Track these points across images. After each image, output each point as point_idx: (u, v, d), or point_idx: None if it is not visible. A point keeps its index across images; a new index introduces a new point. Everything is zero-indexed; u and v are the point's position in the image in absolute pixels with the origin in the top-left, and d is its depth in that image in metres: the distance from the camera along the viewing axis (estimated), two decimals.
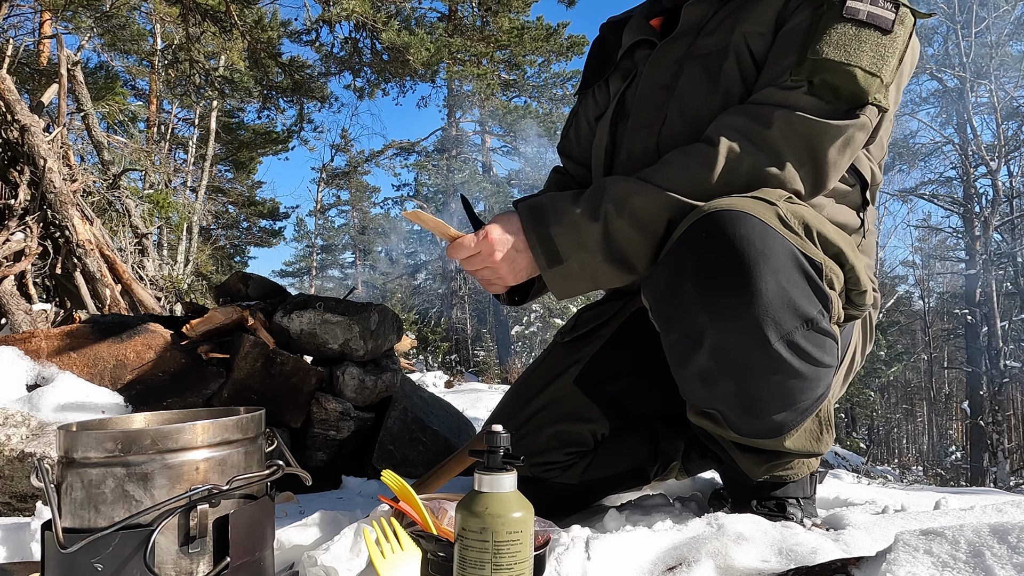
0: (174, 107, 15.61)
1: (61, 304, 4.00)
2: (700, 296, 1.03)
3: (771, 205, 1.04)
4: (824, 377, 1.08)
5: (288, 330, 1.94)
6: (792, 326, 1.01)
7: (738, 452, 1.19)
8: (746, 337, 1.01)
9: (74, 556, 0.75)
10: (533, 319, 13.67)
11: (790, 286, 1.00)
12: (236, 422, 0.87)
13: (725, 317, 1.01)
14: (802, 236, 1.04)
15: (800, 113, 1.11)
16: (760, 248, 0.98)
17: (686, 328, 1.06)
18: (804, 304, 1.01)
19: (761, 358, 1.02)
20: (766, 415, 1.09)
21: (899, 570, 0.71)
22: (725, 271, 1.00)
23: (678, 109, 1.28)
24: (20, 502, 1.49)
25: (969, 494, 2.11)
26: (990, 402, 14.84)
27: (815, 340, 1.04)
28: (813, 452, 1.17)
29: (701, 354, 1.06)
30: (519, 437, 1.40)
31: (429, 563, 0.89)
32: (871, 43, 1.13)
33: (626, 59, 1.45)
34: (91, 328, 1.81)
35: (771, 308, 0.99)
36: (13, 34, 8.30)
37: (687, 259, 1.05)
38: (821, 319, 1.03)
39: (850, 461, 8.38)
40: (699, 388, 1.11)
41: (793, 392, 1.06)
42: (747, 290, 0.99)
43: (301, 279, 28.11)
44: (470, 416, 2.66)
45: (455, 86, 17.91)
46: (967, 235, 16.40)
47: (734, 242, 0.99)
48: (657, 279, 1.11)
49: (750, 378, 1.05)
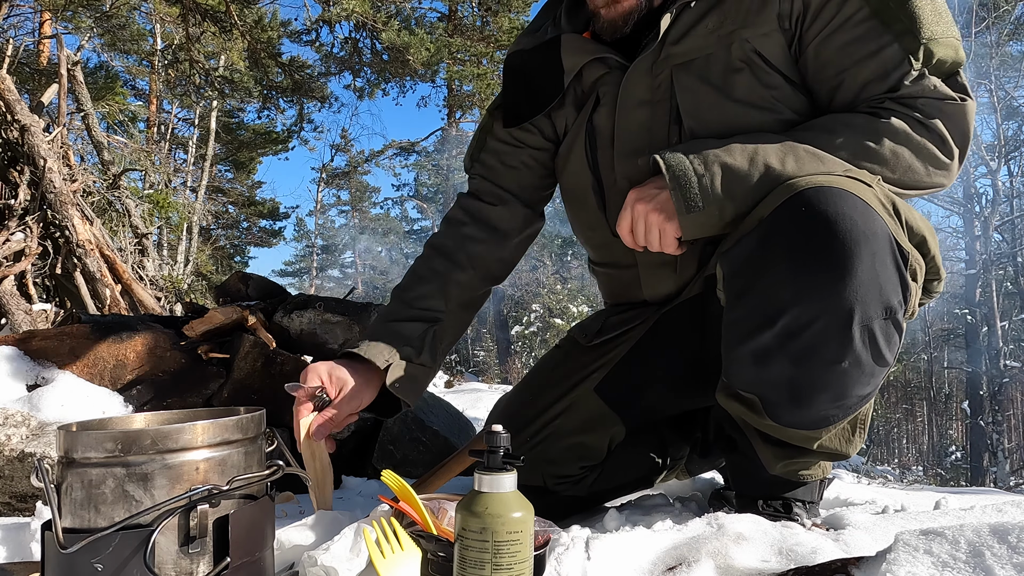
0: (174, 107, 15.62)
1: (61, 304, 4.00)
2: (791, 271, 0.98)
3: (868, 187, 1.01)
4: (878, 375, 1.05)
5: (288, 330, 1.94)
6: (875, 313, 0.98)
7: (761, 443, 1.16)
8: (828, 317, 0.97)
9: (74, 556, 0.75)
10: (533, 319, 13.68)
11: (883, 271, 0.96)
12: (236, 422, 0.87)
13: (813, 294, 0.97)
14: (896, 221, 1.01)
15: (948, 99, 1.10)
16: (863, 228, 0.95)
17: (764, 302, 1.02)
18: (890, 292, 0.98)
19: (833, 342, 0.98)
20: (812, 406, 1.05)
21: (899, 570, 0.71)
22: (824, 248, 0.96)
23: (697, 126, 1.19)
24: (20, 502, 1.49)
25: (969, 494, 2.11)
26: (990, 402, 14.84)
27: (887, 332, 1.00)
28: (841, 453, 1.14)
29: (769, 332, 1.02)
30: (535, 444, 1.36)
31: (429, 563, 0.89)
32: (943, 7, 1.11)
33: (574, 85, 1.33)
34: (91, 328, 1.81)
35: (862, 290, 0.96)
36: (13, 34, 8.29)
37: (781, 234, 1.00)
38: (899, 309, 1.00)
39: (850, 461, 8.38)
40: (750, 368, 1.07)
41: (847, 386, 1.03)
42: (845, 269, 0.95)
43: (301, 279, 28.13)
44: (470, 416, 2.66)
45: (455, 86, 17.91)
46: (967, 235, 16.40)
47: (837, 219, 0.95)
48: (740, 251, 1.06)
49: (811, 363, 1.01)
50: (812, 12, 1.14)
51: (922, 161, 1.10)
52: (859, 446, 1.15)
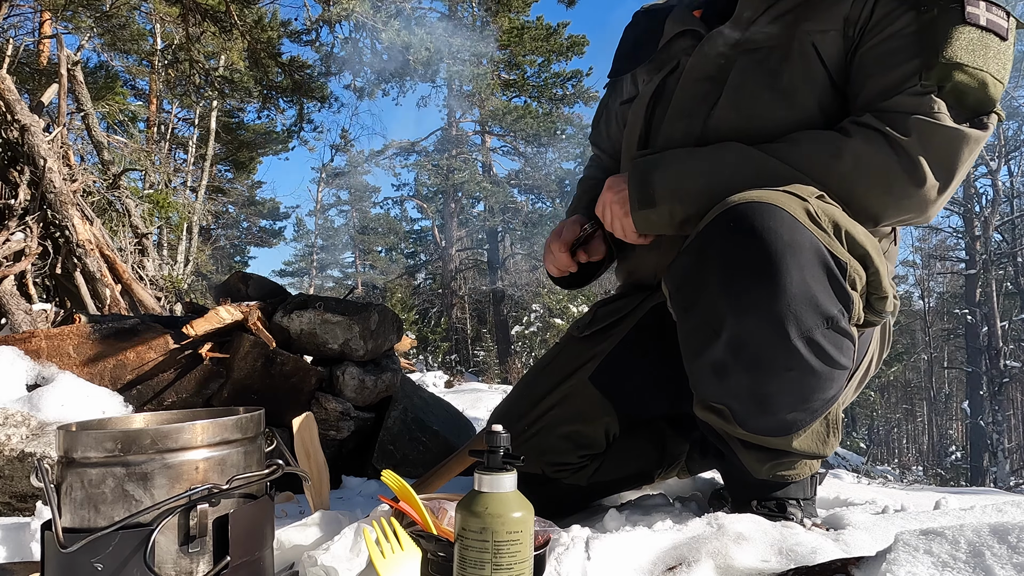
0: (174, 107, 15.61)
1: (61, 304, 4.00)
2: (723, 285, 1.02)
3: (801, 200, 1.04)
4: (838, 378, 1.08)
5: (288, 330, 1.94)
6: (813, 323, 1.00)
7: (743, 449, 1.19)
8: (766, 330, 1.00)
9: (74, 556, 0.75)
10: (533, 319, 13.67)
11: (814, 282, 0.99)
12: (236, 422, 0.87)
13: (747, 308, 1.01)
14: (830, 234, 1.03)
15: (937, 122, 1.08)
16: (787, 241, 0.98)
17: (706, 316, 1.06)
18: (826, 302, 1.01)
19: (779, 353, 1.01)
20: (777, 412, 1.08)
21: (899, 570, 0.71)
22: (751, 262, 1.00)
23: (732, 102, 1.25)
24: (20, 502, 1.49)
25: (969, 494, 2.11)
26: (990, 402, 14.84)
27: (833, 339, 1.03)
28: (818, 454, 1.18)
29: (718, 345, 1.05)
30: (530, 435, 1.39)
31: (429, 563, 0.89)
32: (994, 49, 1.10)
33: (664, 50, 1.42)
34: (91, 328, 1.81)
35: (793, 303, 0.99)
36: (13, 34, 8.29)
37: (713, 248, 1.04)
38: (841, 318, 1.03)
39: (850, 461, 8.38)
40: (712, 380, 1.10)
41: (806, 391, 1.06)
42: (772, 282, 0.98)
43: (301, 279, 28.13)
44: (470, 416, 2.66)
45: (455, 86, 17.91)
46: (967, 235, 16.40)
47: (762, 233, 0.98)
48: (679, 266, 1.11)
49: (765, 373, 1.04)
50: (874, 22, 1.17)
51: (880, 185, 1.11)
52: (835, 445, 1.17)
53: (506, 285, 18.76)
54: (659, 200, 1.18)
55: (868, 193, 1.13)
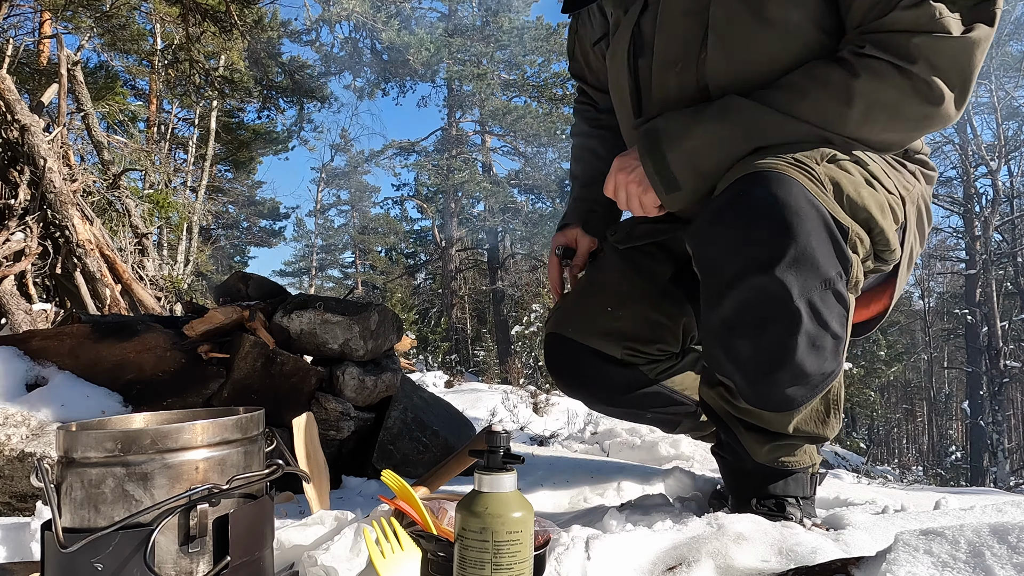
0: (174, 107, 15.60)
1: (61, 304, 4.00)
2: (735, 248, 1.06)
3: (808, 170, 1.06)
4: (833, 350, 1.09)
5: (288, 330, 1.94)
6: (813, 285, 1.03)
7: (744, 431, 1.20)
8: (771, 289, 1.03)
9: (74, 556, 0.75)
10: (533, 319, 13.66)
11: (818, 245, 1.02)
12: (236, 422, 0.87)
13: (756, 266, 1.03)
14: (831, 199, 1.06)
15: (942, 35, 1.05)
16: (795, 208, 1.01)
17: (719, 278, 1.09)
18: (826, 264, 1.03)
19: (782, 313, 1.04)
20: (778, 383, 1.09)
21: (899, 570, 0.71)
22: (761, 226, 1.04)
23: (722, 45, 1.19)
24: (20, 502, 1.49)
25: (969, 494, 2.10)
26: (990, 402, 14.84)
27: (827, 302, 1.05)
28: (818, 435, 1.19)
29: (727, 302, 1.08)
30: (615, 317, 1.45)
31: (429, 563, 0.89)
32: None
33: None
34: (91, 328, 1.81)
35: (797, 264, 1.02)
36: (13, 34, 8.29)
37: (727, 213, 1.08)
38: (838, 280, 1.05)
39: (850, 461, 8.38)
40: (720, 344, 1.13)
41: (805, 362, 1.07)
42: (779, 245, 1.02)
43: (301, 279, 28.13)
44: (470, 416, 2.66)
45: (455, 86, 17.91)
46: (967, 235, 16.40)
47: (771, 200, 1.02)
48: (696, 230, 1.14)
49: (767, 335, 1.06)
50: None
51: (897, 118, 1.11)
52: (836, 428, 1.20)
53: (506, 285, 18.76)
54: (683, 183, 1.17)
55: (885, 129, 1.12)
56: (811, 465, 1.27)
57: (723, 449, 1.31)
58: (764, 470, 1.24)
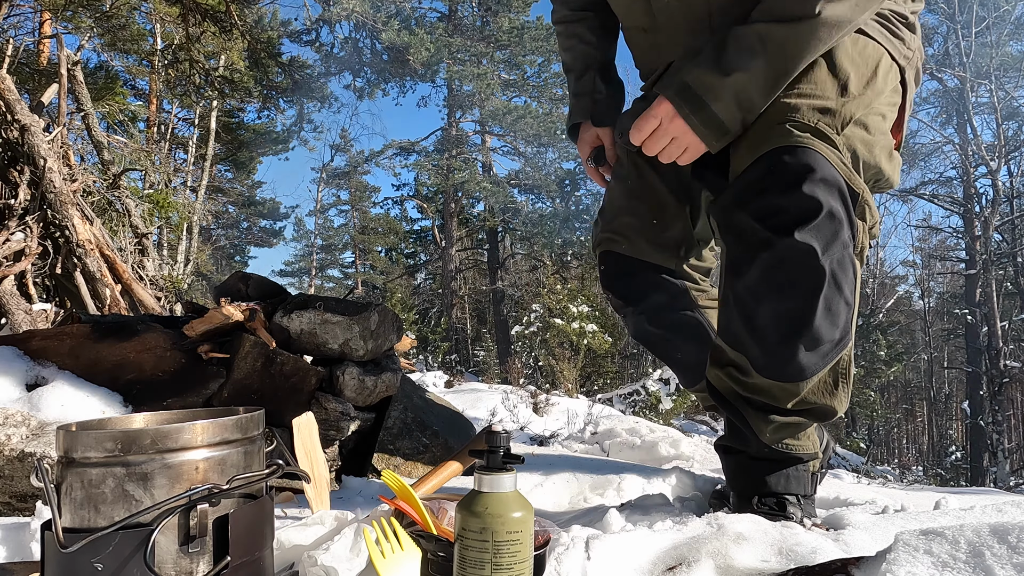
0: (174, 107, 15.59)
1: (61, 304, 4.00)
2: (765, 214, 1.12)
3: (830, 140, 1.14)
4: (846, 316, 1.14)
5: (288, 330, 1.94)
6: (834, 247, 1.09)
7: (751, 410, 1.23)
8: (798, 248, 1.08)
9: (74, 556, 0.75)
10: (533, 319, 13.65)
11: (836, 214, 1.10)
12: (236, 422, 0.87)
13: (783, 230, 1.09)
14: (850, 167, 1.14)
15: None
16: (820, 179, 1.09)
17: (748, 241, 1.14)
18: (843, 231, 1.11)
19: (807, 273, 1.09)
20: (793, 351, 1.13)
21: (899, 570, 0.71)
22: (790, 196, 1.10)
23: None
24: (20, 502, 1.49)
25: (969, 494, 2.11)
26: (990, 402, 14.83)
27: (844, 266, 1.11)
28: (826, 405, 1.21)
29: (754, 268, 1.13)
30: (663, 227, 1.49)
31: (429, 563, 0.89)
32: None
33: None
34: (91, 328, 1.81)
35: (820, 229, 1.08)
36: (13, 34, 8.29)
37: (757, 185, 1.14)
38: (848, 244, 1.12)
39: (850, 461, 8.38)
40: (739, 317, 1.17)
41: (820, 327, 1.11)
42: (806, 211, 1.08)
43: (301, 279, 28.12)
44: (470, 416, 2.66)
45: (455, 86, 17.90)
46: (967, 235, 16.39)
47: (800, 172, 1.09)
48: (724, 202, 1.19)
49: (791, 298, 1.11)
50: None
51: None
52: (844, 402, 1.23)
53: (506, 285, 18.75)
54: (732, 125, 1.19)
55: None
56: (813, 455, 1.29)
57: (727, 438, 1.33)
58: (767, 458, 1.26)
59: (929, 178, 17.64)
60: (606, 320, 11.62)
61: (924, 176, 17.68)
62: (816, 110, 1.16)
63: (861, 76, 1.19)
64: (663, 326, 1.52)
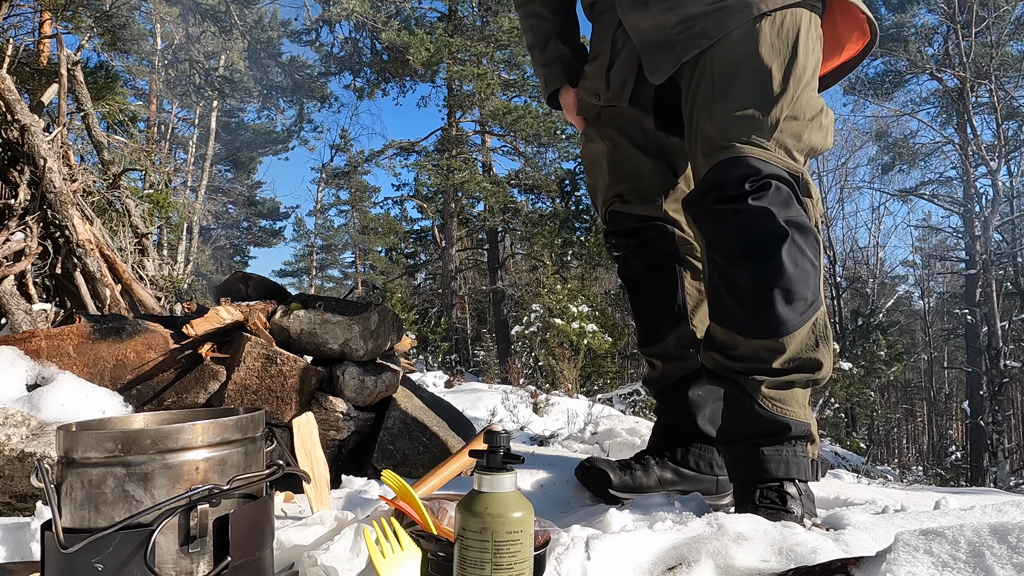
0: (174, 107, 15.59)
1: (61, 304, 4.00)
2: (726, 195, 1.34)
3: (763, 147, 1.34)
4: (815, 277, 1.34)
5: (288, 330, 1.94)
6: (787, 211, 1.32)
7: (745, 376, 1.36)
8: (756, 209, 1.31)
9: (74, 556, 0.75)
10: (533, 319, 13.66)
11: (783, 189, 1.33)
12: (236, 422, 0.87)
13: (743, 198, 1.32)
14: (786, 158, 1.35)
15: None
16: (765, 173, 1.32)
17: (719, 213, 1.35)
18: (793, 202, 1.34)
19: (769, 229, 1.30)
20: (773, 307, 1.30)
21: (899, 570, 0.71)
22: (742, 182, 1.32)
23: None
24: (20, 502, 1.49)
25: (969, 494, 2.10)
26: (990, 402, 14.83)
27: (803, 230, 1.32)
28: (812, 358, 1.34)
29: (726, 236, 1.35)
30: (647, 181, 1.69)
31: (429, 563, 0.89)
32: None
33: None
34: (91, 328, 1.81)
35: (772, 199, 1.32)
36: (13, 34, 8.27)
37: (714, 183, 1.36)
38: (803, 216, 1.34)
39: (850, 461, 8.37)
40: (722, 285, 1.37)
41: (793, 281, 1.30)
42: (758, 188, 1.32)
43: (301, 279, 28.12)
44: (470, 416, 2.66)
45: (455, 86, 17.89)
46: (967, 235, 16.39)
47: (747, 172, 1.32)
48: (696, 194, 1.41)
49: (761, 255, 1.31)
50: None
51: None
52: (828, 357, 1.36)
53: (506, 285, 18.75)
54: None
55: None
56: (806, 425, 1.34)
57: (726, 422, 1.42)
58: (764, 432, 1.32)
59: (929, 178, 17.65)
60: (606, 320, 11.63)
61: (924, 176, 17.69)
62: (749, 127, 1.35)
63: (782, 68, 1.36)
64: (646, 263, 1.72)
